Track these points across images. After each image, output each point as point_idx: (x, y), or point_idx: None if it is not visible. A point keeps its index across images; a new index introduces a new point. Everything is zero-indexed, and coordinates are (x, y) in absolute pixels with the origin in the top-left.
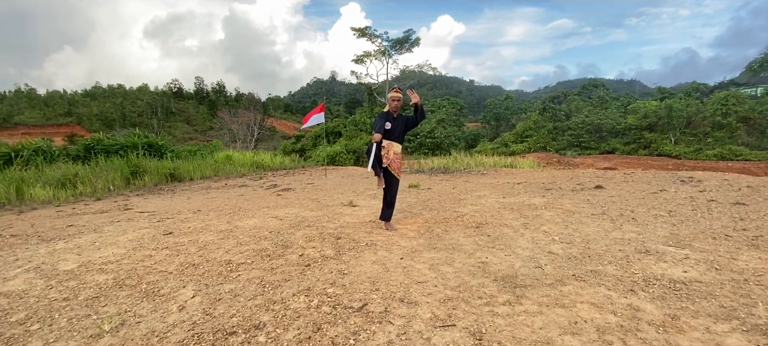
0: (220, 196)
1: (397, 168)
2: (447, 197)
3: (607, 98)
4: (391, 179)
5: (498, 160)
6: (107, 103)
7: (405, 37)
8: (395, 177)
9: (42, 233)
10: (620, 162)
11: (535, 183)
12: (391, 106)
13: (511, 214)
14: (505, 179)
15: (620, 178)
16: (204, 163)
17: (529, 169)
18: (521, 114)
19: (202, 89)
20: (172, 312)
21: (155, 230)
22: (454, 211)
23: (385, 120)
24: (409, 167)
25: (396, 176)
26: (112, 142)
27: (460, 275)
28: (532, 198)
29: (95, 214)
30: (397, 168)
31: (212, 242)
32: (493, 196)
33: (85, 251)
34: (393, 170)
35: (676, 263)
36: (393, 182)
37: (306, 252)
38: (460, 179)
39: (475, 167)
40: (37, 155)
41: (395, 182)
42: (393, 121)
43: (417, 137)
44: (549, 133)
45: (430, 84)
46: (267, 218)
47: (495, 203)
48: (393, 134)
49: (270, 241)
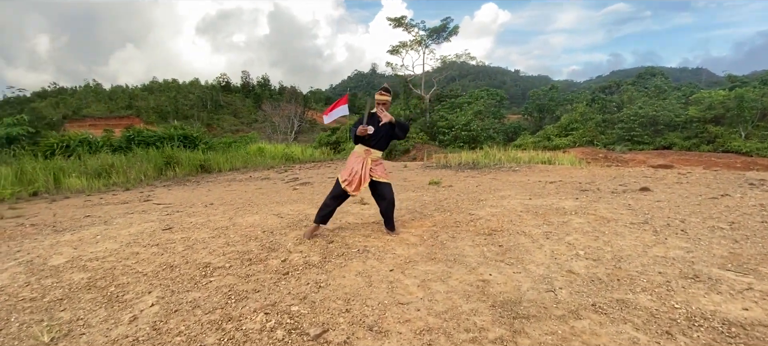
0: (238, 189)
1: (382, 173)
2: (466, 196)
3: (665, 87)
4: (381, 186)
5: (534, 155)
6: (163, 97)
7: (442, 26)
8: (384, 182)
9: (59, 223)
10: (678, 159)
11: (571, 183)
12: (377, 109)
13: (534, 219)
14: (537, 177)
15: (673, 178)
16: (235, 155)
17: (567, 167)
18: (567, 105)
19: (249, 83)
20: (122, 324)
21: (159, 224)
22: (469, 213)
23: (371, 123)
24: (435, 162)
25: (384, 181)
26: (151, 133)
27: (451, 297)
28: (562, 200)
29: (116, 205)
30: (382, 173)
31: (202, 240)
32: (518, 196)
33: (82, 245)
34: (378, 177)
35: (735, 295)
36: (385, 193)
37: (290, 257)
38: (487, 176)
39: (507, 163)
40: (83, 146)
41: (387, 187)
42: (377, 125)
43: (452, 130)
44: (597, 126)
45: (471, 75)
46: (269, 215)
47: (517, 206)
48: (374, 139)
49: (259, 242)
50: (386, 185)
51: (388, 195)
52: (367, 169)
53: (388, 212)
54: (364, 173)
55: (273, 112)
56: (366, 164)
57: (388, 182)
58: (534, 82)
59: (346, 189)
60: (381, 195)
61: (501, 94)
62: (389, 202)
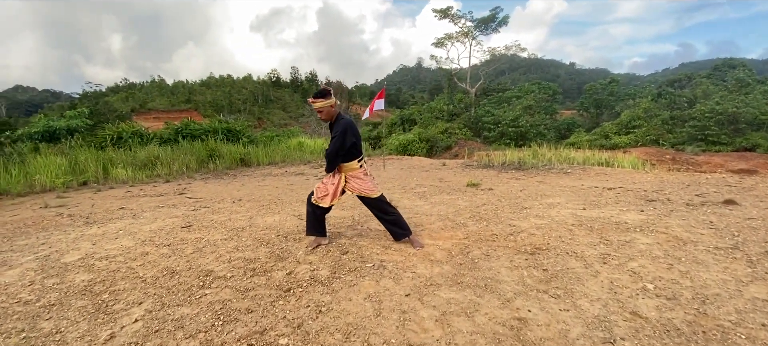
0: (271, 184)
1: (368, 189)
2: (508, 202)
3: (749, 81)
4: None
5: (590, 155)
6: (218, 92)
7: (491, 16)
8: (372, 198)
9: (93, 214)
10: (763, 163)
11: (634, 190)
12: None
13: (588, 236)
14: (593, 182)
15: (765, 189)
16: (274, 149)
17: (629, 170)
18: (628, 100)
19: (297, 79)
20: (97, 343)
21: (181, 221)
22: (509, 224)
23: None
24: (477, 160)
25: (371, 196)
26: (198, 126)
27: (476, 341)
28: (623, 213)
29: (152, 197)
30: (368, 189)
31: (214, 243)
32: (570, 205)
33: (102, 241)
34: (367, 192)
35: None
36: (375, 202)
37: (297, 269)
38: (534, 179)
39: (558, 164)
40: (134, 138)
41: (377, 201)
42: None
43: (498, 126)
44: (664, 124)
45: (523, 68)
46: (289, 217)
47: (568, 217)
48: None
49: (269, 248)
50: (377, 200)
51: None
52: (340, 184)
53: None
54: (337, 189)
55: None
56: (340, 181)
57: (379, 196)
58: (591, 75)
59: (324, 202)
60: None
61: (554, 87)
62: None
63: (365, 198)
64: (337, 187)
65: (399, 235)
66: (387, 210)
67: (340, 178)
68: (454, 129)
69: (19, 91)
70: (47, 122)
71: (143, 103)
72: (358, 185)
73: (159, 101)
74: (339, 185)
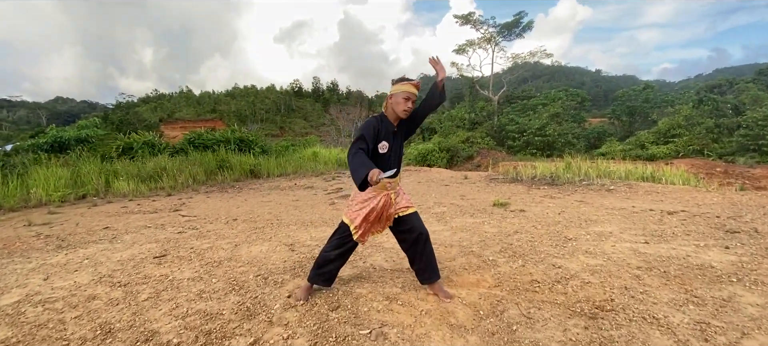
0: (275, 199)
1: (407, 201)
2: (546, 230)
3: None
4: (406, 220)
5: (632, 168)
6: (242, 102)
7: (515, 21)
8: (407, 216)
9: (71, 236)
10: None
11: (702, 215)
12: (398, 109)
13: (666, 288)
14: (645, 202)
15: None
16: (286, 160)
17: (686, 188)
18: (665, 107)
19: (319, 88)
20: None
21: (159, 248)
22: (553, 264)
23: (378, 138)
24: (502, 173)
25: (408, 213)
26: (210, 136)
27: None
28: (702, 250)
29: (145, 214)
30: (407, 201)
31: (179, 283)
32: (626, 236)
33: (57, 274)
34: (401, 211)
35: None
36: (413, 225)
37: (265, 338)
38: (572, 197)
39: (597, 179)
40: (144, 149)
41: (414, 221)
42: (392, 137)
43: (523, 135)
44: (708, 133)
45: (546, 75)
46: (280, 246)
47: (628, 254)
48: (391, 162)
49: (241, 296)
50: (413, 213)
51: (418, 224)
52: (389, 207)
53: (423, 250)
54: (387, 213)
55: (339, 115)
56: (389, 201)
57: (415, 210)
58: (618, 82)
59: (360, 239)
60: (408, 228)
61: (582, 94)
62: (420, 234)
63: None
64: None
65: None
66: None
67: (390, 198)
68: (476, 138)
69: (59, 103)
70: (57, 132)
71: (171, 113)
72: (405, 200)
73: (186, 111)
74: (387, 207)
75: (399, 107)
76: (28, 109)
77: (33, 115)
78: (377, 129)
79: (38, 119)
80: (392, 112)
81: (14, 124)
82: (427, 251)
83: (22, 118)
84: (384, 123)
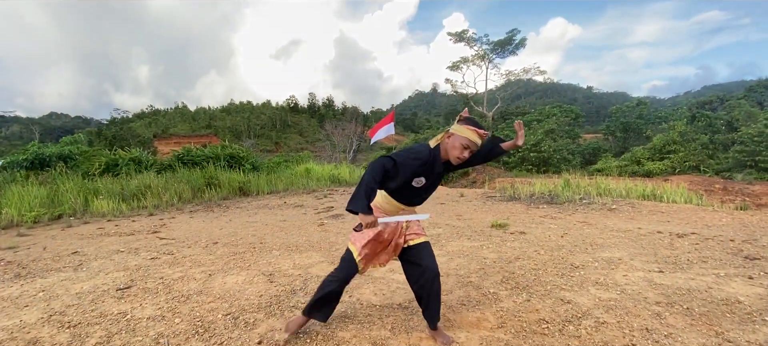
0: (261, 219)
1: (416, 232)
2: (550, 256)
3: None
4: (416, 249)
5: (632, 185)
6: (237, 118)
7: (508, 39)
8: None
9: (36, 261)
10: None
11: (715, 237)
12: (451, 154)
13: (693, 329)
14: (651, 223)
15: None
16: (278, 176)
17: (690, 207)
18: (659, 123)
19: (314, 104)
20: None
21: (126, 277)
22: (561, 299)
23: (423, 172)
24: (499, 190)
25: (418, 242)
26: (199, 152)
27: None
28: (724, 279)
29: (120, 236)
30: (416, 232)
31: (137, 323)
32: (638, 263)
33: (4, 311)
34: (411, 240)
35: None
36: (423, 261)
37: None
38: (574, 217)
39: (598, 197)
40: (130, 165)
41: (425, 257)
42: (434, 176)
43: (519, 151)
44: (704, 149)
45: (539, 92)
46: (258, 276)
47: (643, 285)
48: (420, 197)
49: (204, 342)
50: (424, 245)
51: (429, 262)
52: (399, 236)
53: (432, 290)
54: (396, 241)
55: (334, 131)
56: (402, 227)
57: (427, 240)
58: (609, 99)
59: (365, 267)
60: (416, 262)
61: (576, 110)
62: (433, 273)
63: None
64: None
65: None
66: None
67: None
68: None
69: (53, 118)
70: (38, 149)
71: (165, 128)
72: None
73: (181, 127)
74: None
75: (454, 152)
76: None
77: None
78: (423, 168)
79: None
80: (445, 151)
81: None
82: (435, 291)
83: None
84: (435, 163)
